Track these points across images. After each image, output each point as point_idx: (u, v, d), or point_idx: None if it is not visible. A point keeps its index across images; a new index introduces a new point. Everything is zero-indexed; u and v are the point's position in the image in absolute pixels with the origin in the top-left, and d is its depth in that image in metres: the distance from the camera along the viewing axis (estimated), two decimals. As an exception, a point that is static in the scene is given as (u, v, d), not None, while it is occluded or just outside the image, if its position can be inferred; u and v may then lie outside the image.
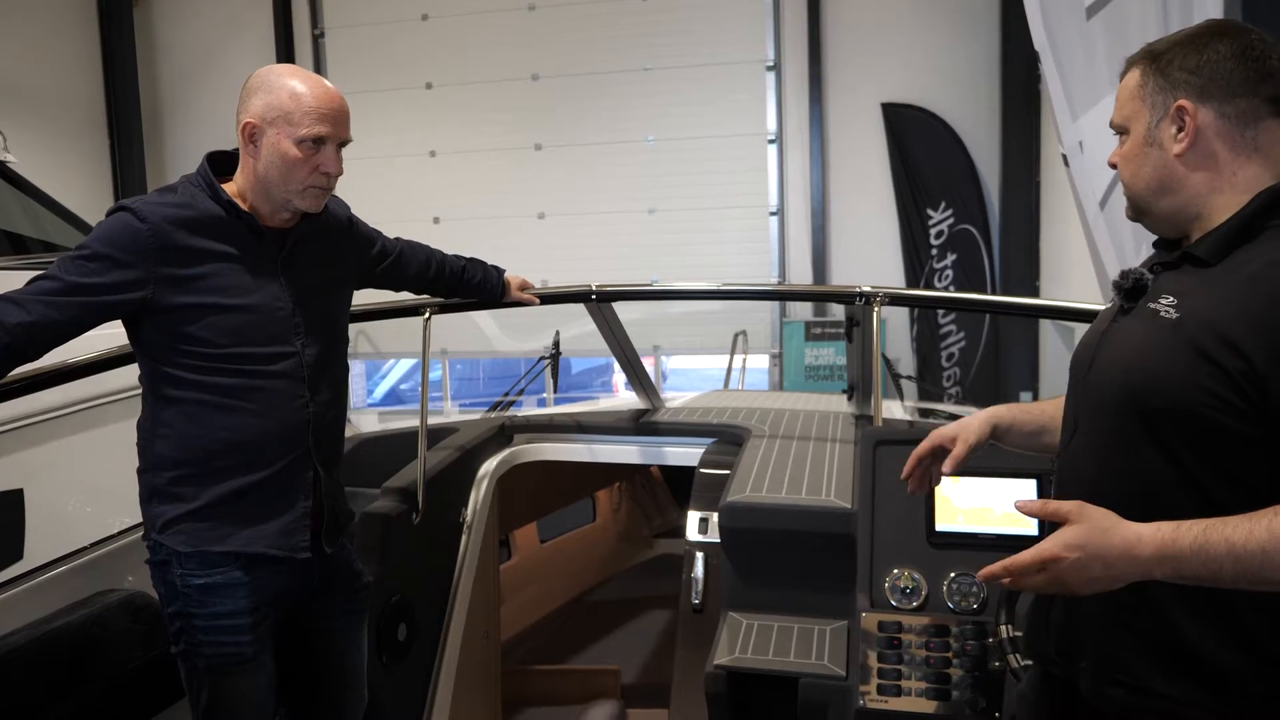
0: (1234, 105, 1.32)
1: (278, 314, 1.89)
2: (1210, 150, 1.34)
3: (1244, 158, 1.33)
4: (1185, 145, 1.34)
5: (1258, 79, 1.32)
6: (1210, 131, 1.34)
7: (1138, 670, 1.33)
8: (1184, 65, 1.35)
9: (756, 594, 2.31)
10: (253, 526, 1.88)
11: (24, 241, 3.62)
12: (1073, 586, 1.23)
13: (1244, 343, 1.22)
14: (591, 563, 5.04)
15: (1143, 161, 1.40)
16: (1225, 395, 1.23)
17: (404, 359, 9.62)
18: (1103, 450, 1.38)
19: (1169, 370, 1.28)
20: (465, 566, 2.96)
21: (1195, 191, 1.36)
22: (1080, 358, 1.49)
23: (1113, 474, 1.36)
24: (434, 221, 7.74)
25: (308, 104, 1.81)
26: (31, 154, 4.86)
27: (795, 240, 7.50)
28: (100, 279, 1.73)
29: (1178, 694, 1.30)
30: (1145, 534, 1.20)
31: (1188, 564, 1.18)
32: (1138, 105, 1.39)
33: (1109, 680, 1.35)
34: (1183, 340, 1.28)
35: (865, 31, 7.24)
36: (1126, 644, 1.33)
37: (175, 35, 8.45)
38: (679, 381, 9.40)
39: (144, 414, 1.90)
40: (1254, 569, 1.16)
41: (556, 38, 7.64)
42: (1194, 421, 1.26)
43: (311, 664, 2.11)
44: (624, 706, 3.65)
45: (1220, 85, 1.32)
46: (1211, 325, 1.25)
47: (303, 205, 1.89)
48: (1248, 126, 1.33)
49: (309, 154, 1.82)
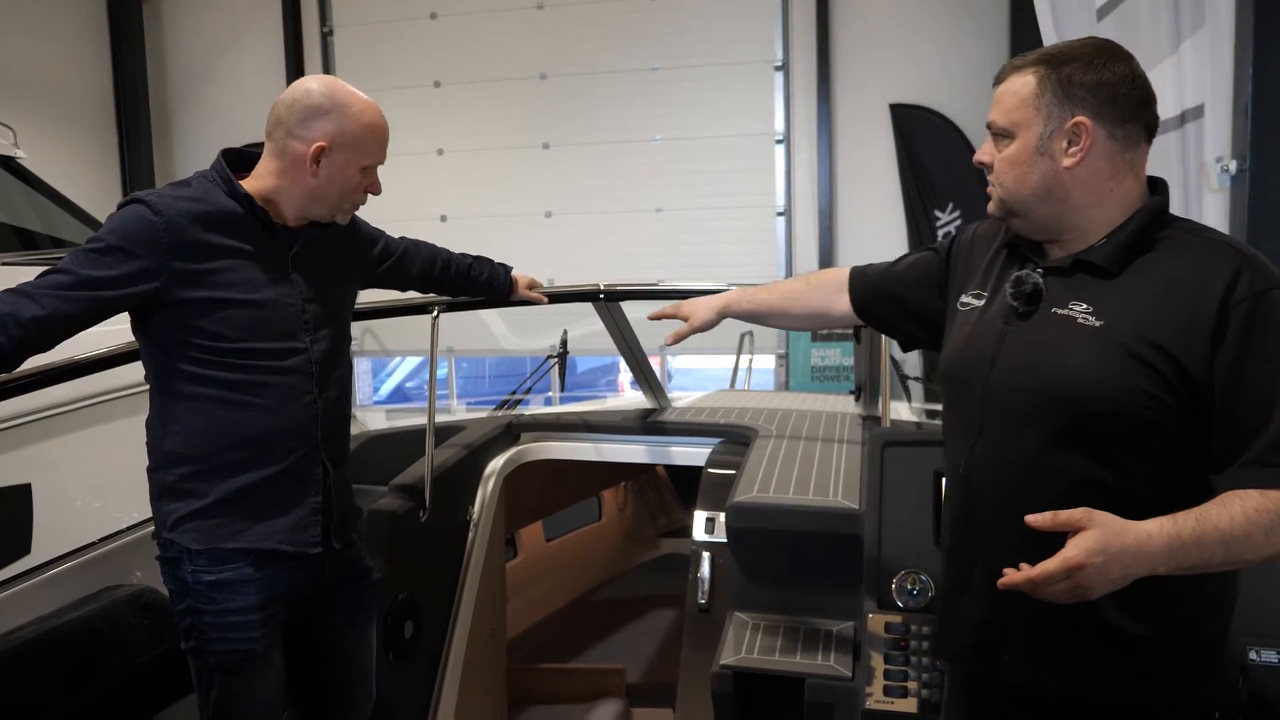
0: (1124, 129, 1.40)
1: (288, 310, 1.89)
2: (1097, 166, 1.41)
3: (1122, 175, 1.42)
4: (1077, 160, 1.41)
5: (1143, 105, 1.41)
6: (1100, 150, 1.40)
7: (1068, 657, 1.42)
8: (1084, 83, 1.39)
9: (763, 594, 2.30)
10: (264, 522, 1.88)
11: (33, 237, 3.63)
12: (1093, 590, 1.25)
13: (1173, 347, 1.32)
14: (597, 562, 5.04)
15: (1030, 169, 1.44)
16: (1159, 395, 1.33)
17: (410, 357, 9.63)
18: (1023, 452, 1.43)
19: (1102, 375, 1.36)
20: (472, 564, 2.97)
21: (1078, 204, 1.43)
22: (970, 359, 1.53)
23: (1037, 474, 1.42)
24: (441, 220, 7.75)
25: (380, 136, 1.94)
26: (41, 149, 4.87)
27: (802, 240, 7.49)
28: (113, 272, 1.73)
29: (1109, 674, 1.40)
30: (1153, 530, 1.26)
31: (1189, 554, 1.26)
32: (1029, 113, 1.44)
33: (1039, 667, 1.44)
34: (1112, 345, 1.36)
35: (873, 32, 7.22)
36: (1055, 635, 1.41)
37: (184, 31, 8.47)
38: (684, 381, 9.39)
39: (152, 412, 1.90)
40: (1238, 550, 1.27)
41: (565, 37, 7.64)
42: (1128, 421, 1.34)
43: (319, 661, 2.12)
44: (629, 706, 3.65)
45: (1115, 107, 1.39)
46: (1138, 331, 1.35)
47: (340, 220, 1.99)
48: (1129, 148, 1.41)
49: (365, 178, 1.94)
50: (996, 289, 1.55)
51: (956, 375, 1.57)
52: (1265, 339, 1.31)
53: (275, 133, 1.88)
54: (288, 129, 1.86)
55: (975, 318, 1.57)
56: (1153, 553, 1.25)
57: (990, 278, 1.58)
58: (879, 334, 2.65)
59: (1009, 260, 1.56)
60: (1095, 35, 1.58)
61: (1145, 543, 1.25)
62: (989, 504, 1.49)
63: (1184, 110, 3.54)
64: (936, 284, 1.73)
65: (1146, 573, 1.26)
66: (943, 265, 1.74)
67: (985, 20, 6.99)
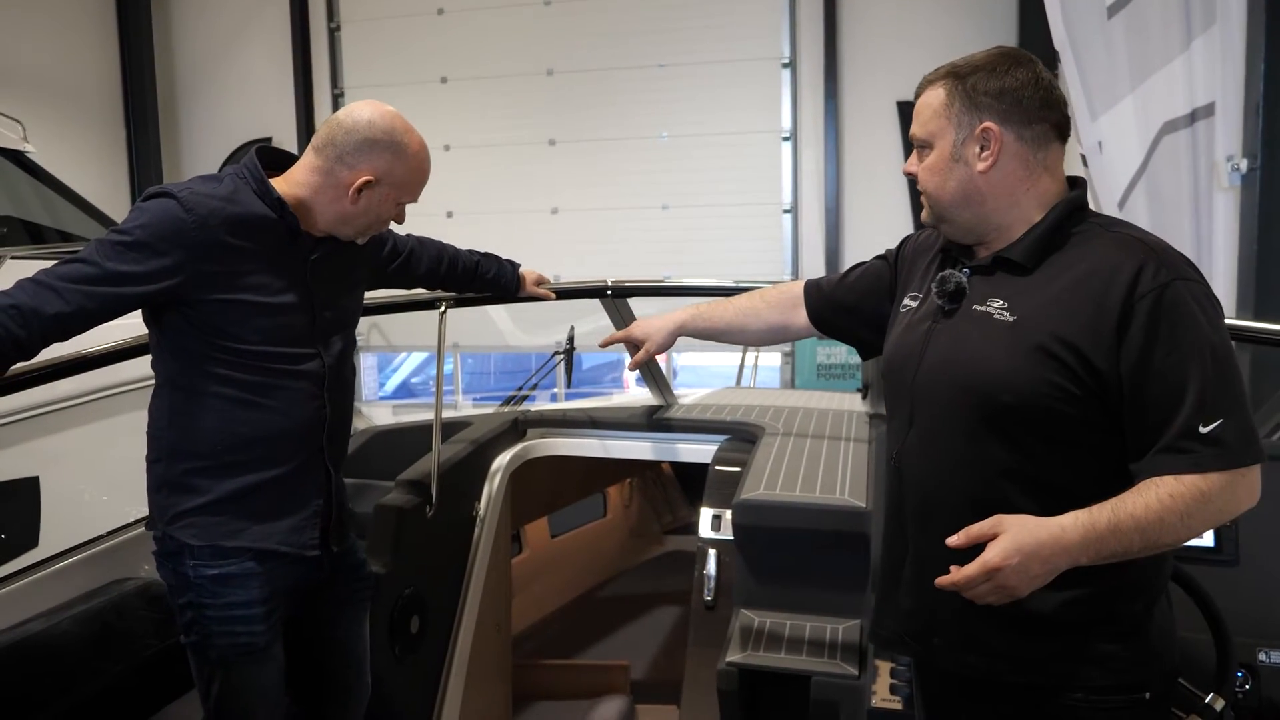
0: (1031, 129, 1.48)
1: (305, 316, 1.89)
2: (1010, 168, 1.49)
3: (1037, 175, 1.49)
4: (989, 164, 1.48)
5: (1048, 106, 1.48)
6: (1010, 152, 1.48)
7: (990, 640, 1.48)
8: (988, 90, 1.48)
9: (769, 592, 2.30)
10: (265, 523, 1.88)
11: (41, 231, 3.64)
12: (1017, 589, 1.33)
13: (1079, 341, 1.38)
14: (602, 558, 5.05)
15: (948, 176, 1.52)
16: (1067, 387, 1.39)
17: (416, 352, 9.64)
18: (947, 443, 1.51)
19: (1013, 367, 1.42)
20: (477, 560, 2.97)
21: (996, 205, 1.50)
22: (903, 356, 1.62)
23: (960, 464, 1.49)
24: (448, 215, 7.76)
25: (424, 179, 1.96)
26: (49, 144, 4.88)
27: (809, 238, 7.48)
28: (139, 268, 1.70)
29: (1028, 655, 1.46)
30: (1066, 524, 1.33)
31: (1107, 543, 1.32)
32: (943, 123, 1.52)
33: (967, 650, 1.51)
34: (1023, 340, 1.42)
35: (881, 29, 7.21)
36: (979, 619, 1.45)
37: (192, 27, 8.48)
38: (690, 378, 9.39)
39: (158, 404, 1.88)
40: (1154, 536, 1.32)
41: (571, 33, 7.63)
42: (1038, 412, 1.40)
43: (316, 653, 2.12)
44: (633, 702, 3.66)
45: (1020, 111, 1.47)
46: (1047, 325, 1.41)
47: (360, 241, 2.00)
48: (1040, 148, 1.49)
49: (396, 211, 1.96)
50: (929, 290, 1.63)
51: (891, 371, 1.66)
52: (1172, 328, 1.35)
53: (325, 150, 1.86)
54: (339, 153, 1.85)
55: (909, 317, 1.66)
56: (1069, 544, 1.32)
57: (926, 280, 1.66)
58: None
59: (942, 263, 1.64)
60: (1105, 34, 1.61)
61: (1060, 536, 1.32)
62: (918, 495, 1.56)
63: (1195, 109, 3.53)
64: (887, 291, 1.83)
65: (1069, 565, 1.33)
66: (891, 271, 1.84)
67: (994, 17, 6.98)
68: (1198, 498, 1.32)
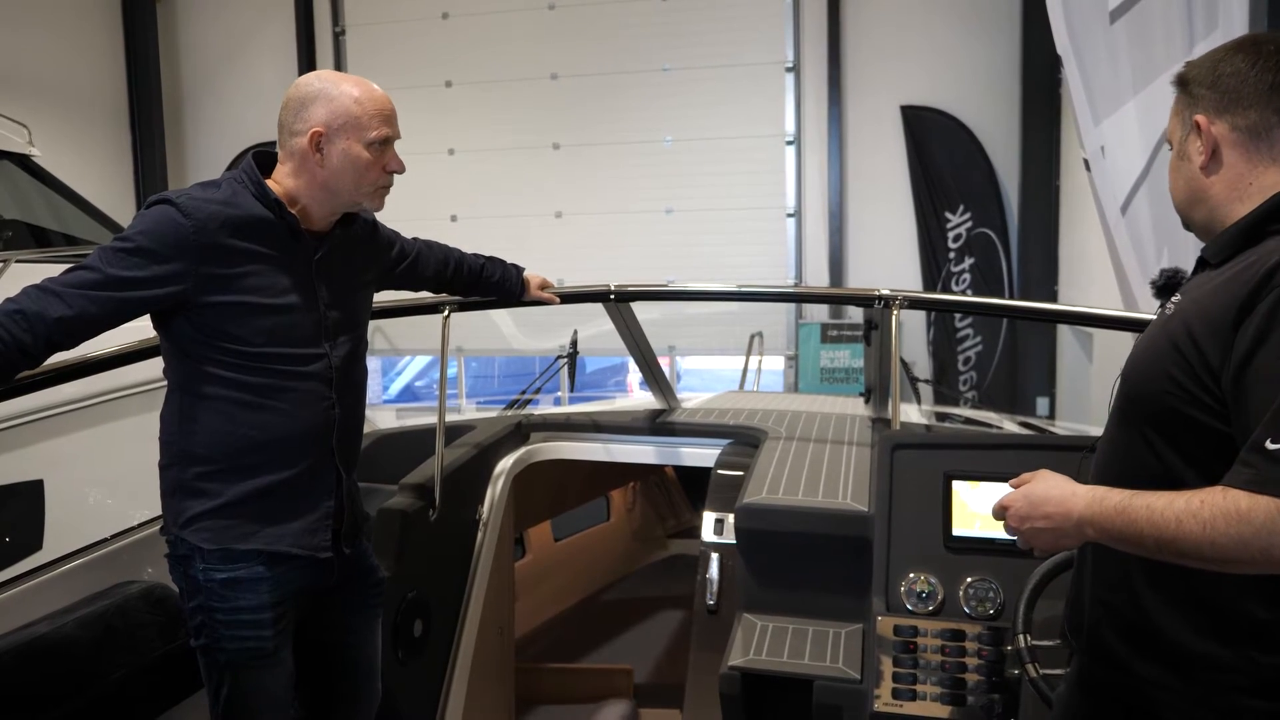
0: (1245, 118, 1.38)
1: (311, 316, 1.90)
2: (1227, 161, 1.40)
3: (1261, 168, 1.39)
4: (1204, 158, 1.41)
5: (1268, 91, 1.37)
6: (1226, 144, 1.40)
7: (1116, 650, 1.41)
8: (1202, 81, 1.42)
9: (771, 596, 2.30)
10: (277, 525, 1.88)
11: (47, 235, 3.65)
12: (1024, 534, 1.40)
13: (1203, 337, 1.30)
14: (605, 562, 5.04)
15: (1177, 175, 1.48)
16: (1186, 384, 1.32)
17: (420, 356, 9.65)
18: (1108, 435, 1.51)
19: (1148, 360, 1.39)
20: (480, 563, 2.97)
21: (1218, 201, 1.42)
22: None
23: (1108, 457, 1.48)
24: (451, 220, 7.77)
25: (371, 109, 1.88)
26: (55, 148, 4.91)
27: (812, 242, 7.49)
28: (140, 273, 1.72)
29: (1150, 676, 1.37)
30: (1081, 490, 1.35)
31: (1113, 523, 1.29)
32: (1174, 122, 1.48)
33: (1095, 657, 1.45)
34: (1162, 332, 1.38)
35: (885, 34, 7.22)
36: (1107, 623, 1.42)
37: (197, 31, 8.51)
38: (693, 382, 9.39)
39: (169, 409, 1.89)
40: (1170, 537, 1.23)
41: (576, 37, 7.65)
42: (1158, 407, 1.36)
43: (326, 659, 2.12)
44: (636, 706, 3.65)
45: (1233, 99, 1.38)
46: (1183, 319, 1.35)
47: (371, 205, 1.96)
48: (1262, 138, 1.38)
49: (377, 156, 1.89)
50: None
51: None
52: None
53: (280, 135, 1.89)
54: (289, 128, 1.87)
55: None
56: (1073, 508, 1.34)
57: None
58: (890, 336, 2.64)
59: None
60: (1107, 39, 1.59)
61: (1068, 498, 1.35)
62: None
63: (1197, 113, 3.51)
64: None
65: (1074, 532, 1.35)
66: None
67: (997, 22, 6.99)
68: (1232, 513, 1.19)
